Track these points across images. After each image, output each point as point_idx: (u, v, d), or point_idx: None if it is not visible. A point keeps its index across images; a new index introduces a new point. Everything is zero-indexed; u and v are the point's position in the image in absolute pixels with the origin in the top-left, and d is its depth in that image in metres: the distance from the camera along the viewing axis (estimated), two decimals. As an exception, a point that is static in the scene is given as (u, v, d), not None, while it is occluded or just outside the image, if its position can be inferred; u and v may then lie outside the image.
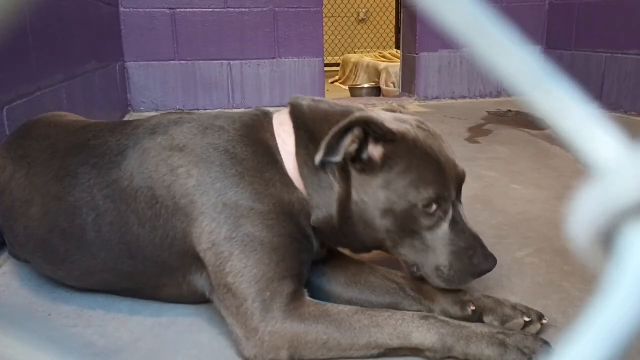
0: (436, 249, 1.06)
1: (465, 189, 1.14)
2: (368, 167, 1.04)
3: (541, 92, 0.19)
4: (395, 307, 1.12)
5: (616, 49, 3.35)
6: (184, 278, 1.11)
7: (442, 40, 3.87)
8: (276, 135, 1.11)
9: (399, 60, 4.54)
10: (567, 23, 3.71)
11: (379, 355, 0.99)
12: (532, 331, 1.04)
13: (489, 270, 1.08)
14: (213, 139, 1.09)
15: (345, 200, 1.06)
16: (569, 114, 0.19)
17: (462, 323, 1.00)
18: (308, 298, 1.05)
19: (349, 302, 1.16)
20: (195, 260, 1.07)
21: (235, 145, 1.09)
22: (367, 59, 5.74)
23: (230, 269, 1.01)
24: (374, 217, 1.05)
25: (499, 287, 1.26)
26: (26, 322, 1.17)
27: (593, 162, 0.18)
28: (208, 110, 1.49)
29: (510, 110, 3.59)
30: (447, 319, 1.02)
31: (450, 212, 1.06)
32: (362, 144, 1.03)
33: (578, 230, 0.19)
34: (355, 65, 5.90)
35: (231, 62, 3.77)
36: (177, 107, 3.81)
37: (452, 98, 4.05)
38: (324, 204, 1.06)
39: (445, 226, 1.06)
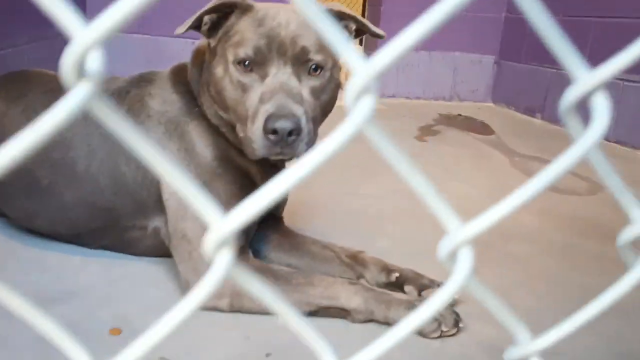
0: (248, 111, 1.09)
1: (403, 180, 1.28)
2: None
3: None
4: (331, 273, 1.26)
5: (560, 66, 3.60)
6: (151, 223, 1.24)
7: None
8: None
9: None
10: (519, 37, 3.94)
11: (311, 314, 1.12)
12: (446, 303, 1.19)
13: (281, 127, 1.02)
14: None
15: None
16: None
17: (385, 291, 1.15)
18: (252, 256, 1.17)
19: (289, 267, 1.30)
20: (162, 208, 1.20)
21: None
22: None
23: (190, 215, 1.14)
24: (218, 88, 1.16)
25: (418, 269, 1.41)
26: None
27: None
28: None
29: (460, 115, 3.79)
30: (372, 287, 1.16)
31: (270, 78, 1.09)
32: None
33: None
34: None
35: (195, 41, 3.81)
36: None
37: (408, 98, 4.22)
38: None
39: (258, 86, 1.09)
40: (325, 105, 1.16)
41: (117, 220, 1.26)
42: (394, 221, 1.72)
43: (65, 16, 0.22)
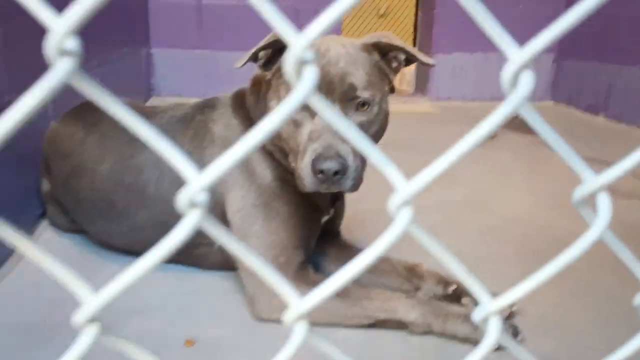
0: (299, 146, 1.14)
1: (459, 191, 1.30)
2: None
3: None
4: (389, 286, 1.31)
5: (623, 62, 3.47)
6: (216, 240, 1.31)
7: (457, 43, 4.01)
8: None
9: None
10: (579, 33, 3.82)
11: (370, 326, 1.16)
12: (503, 315, 1.21)
13: (327, 168, 1.06)
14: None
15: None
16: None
17: (442, 304, 1.18)
18: (312, 271, 1.24)
19: (347, 280, 1.35)
20: (227, 226, 1.27)
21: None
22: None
23: (253, 233, 1.21)
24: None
25: (479, 276, 1.42)
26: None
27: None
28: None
29: (518, 116, 3.71)
30: (429, 301, 1.20)
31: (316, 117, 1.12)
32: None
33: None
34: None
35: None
36: (200, 94, 3.99)
37: (463, 100, 4.18)
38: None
39: (308, 122, 1.13)
40: (374, 136, 1.19)
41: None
42: (447, 233, 1.73)
43: (43, 11, 0.26)
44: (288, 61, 0.28)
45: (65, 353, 0.28)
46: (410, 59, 1.22)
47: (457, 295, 1.26)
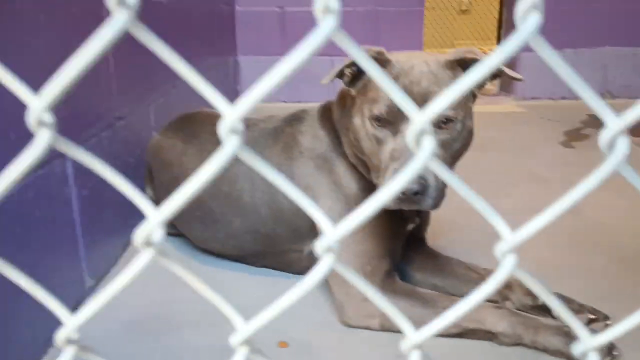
0: (381, 164, 1.16)
1: (550, 192, 1.27)
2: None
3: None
4: (475, 296, 1.30)
5: None
6: (306, 246, 1.38)
7: (545, 40, 3.85)
8: None
9: (498, 58, 4.53)
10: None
11: (456, 335, 1.17)
12: (596, 329, 1.17)
13: (408, 190, 1.06)
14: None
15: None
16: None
17: (533, 316, 1.16)
18: (398, 279, 1.27)
19: (433, 288, 1.36)
20: (316, 234, 1.33)
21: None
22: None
23: (341, 242, 1.26)
24: (361, 138, 1.22)
25: (567, 287, 1.38)
26: (170, 285, 1.47)
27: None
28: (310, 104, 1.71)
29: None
30: (519, 311, 1.18)
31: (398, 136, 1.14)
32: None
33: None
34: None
35: (334, 58, 4.00)
36: (282, 99, 4.12)
37: (552, 99, 4.02)
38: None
39: (390, 140, 1.14)
40: (457, 153, 1.19)
41: (276, 244, 1.43)
42: (532, 240, 1.68)
43: None
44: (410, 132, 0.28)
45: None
46: (496, 74, 1.21)
47: (547, 307, 1.23)
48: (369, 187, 1.30)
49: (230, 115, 0.26)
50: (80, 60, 0.25)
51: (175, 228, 1.67)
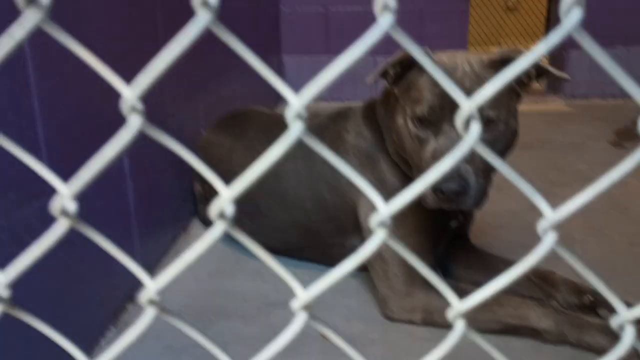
0: (422, 163, 1.17)
1: (604, 194, 1.25)
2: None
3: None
4: (519, 293, 1.30)
5: None
6: (349, 241, 1.41)
7: (594, 37, 3.75)
8: None
9: (546, 55, 4.45)
10: None
11: (499, 332, 1.17)
12: None
13: (447, 189, 1.08)
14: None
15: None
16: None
17: (578, 314, 1.16)
18: (440, 275, 1.28)
19: (476, 285, 1.36)
20: (359, 228, 1.35)
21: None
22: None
23: None
24: (403, 137, 1.24)
25: (622, 289, 1.36)
26: (217, 275, 1.53)
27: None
28: (354, 103, 1.73)
29: (667, 113, 3.40)
30: (563, 309, 1.18)
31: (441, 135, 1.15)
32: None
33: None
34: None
35: (377, 57, 4.01)
36: (326, 98, 4.16)
37: (602, 97, 3.91)
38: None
39: (432, 140, 1.16)
40: (500, 154, 1.18)
41: (320, 238, 1.46)
42: (586, 241, 1.66)
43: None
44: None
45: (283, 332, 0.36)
46: (541, 73, 1.20)
47: (593, 306, 1.22)
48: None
49: (296, 103, 0.29)
50: (168, 54, 0.28)
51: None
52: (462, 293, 1.19)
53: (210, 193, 1.72)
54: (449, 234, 1.40)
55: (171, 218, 1.68)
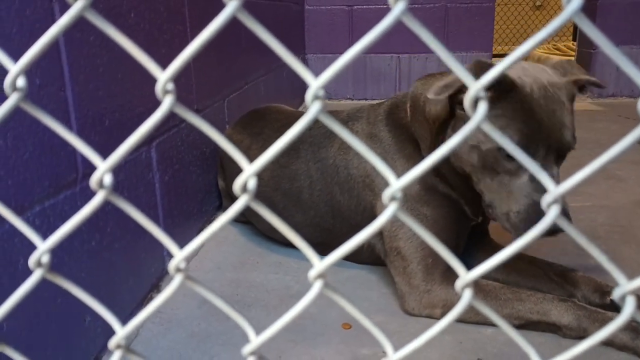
0: (511, 195, 1.12)
1: (631, 193, 1.23)
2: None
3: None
4: (539, 290, 1.29)
5: None
6: (367, 240, 1.41)
7: (623, 35, 3.69)
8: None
9: (574, 54, 4.39)
10: None
11: (520, 327, 1.18)
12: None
13: (556, 231, 0.99)
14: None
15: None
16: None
17: (599, 310, 1.15)
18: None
19: (496, 281, 1.36)
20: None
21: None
22: (538, 52, 5.58)
23: (402, 236, 1.28)
24: (463, 150, 1.18)
25: None
26: (240, 267, 1.56)
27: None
28: (375, 101, 1.74)
29: (698, 112, 3.32)
30: (584, 305, 1.17)
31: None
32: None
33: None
34: (525, 59, 5.76)
35: (400, 55, 4.01)
36: (348, 96, 4.18)
37: (631, 96, 3.84)
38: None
39: (525, 177, 1.11)
40: None
41: (336, 237, 1.47)
42: (614, 239, 1.65)
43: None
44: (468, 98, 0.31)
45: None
46: (582, 85, 1.20)
47: (615, 305, 1.21)
48: (432, 184, 1.31)
49: (314, 84, 0.32)
50: (197, 41, 0.31)
51: (245, 216, 1.76)
52: (484, 291, 1.21)
53: (232, 190, 1.75)
54: (469, 233, 1.40)
55: (196, 211, 1.72)
